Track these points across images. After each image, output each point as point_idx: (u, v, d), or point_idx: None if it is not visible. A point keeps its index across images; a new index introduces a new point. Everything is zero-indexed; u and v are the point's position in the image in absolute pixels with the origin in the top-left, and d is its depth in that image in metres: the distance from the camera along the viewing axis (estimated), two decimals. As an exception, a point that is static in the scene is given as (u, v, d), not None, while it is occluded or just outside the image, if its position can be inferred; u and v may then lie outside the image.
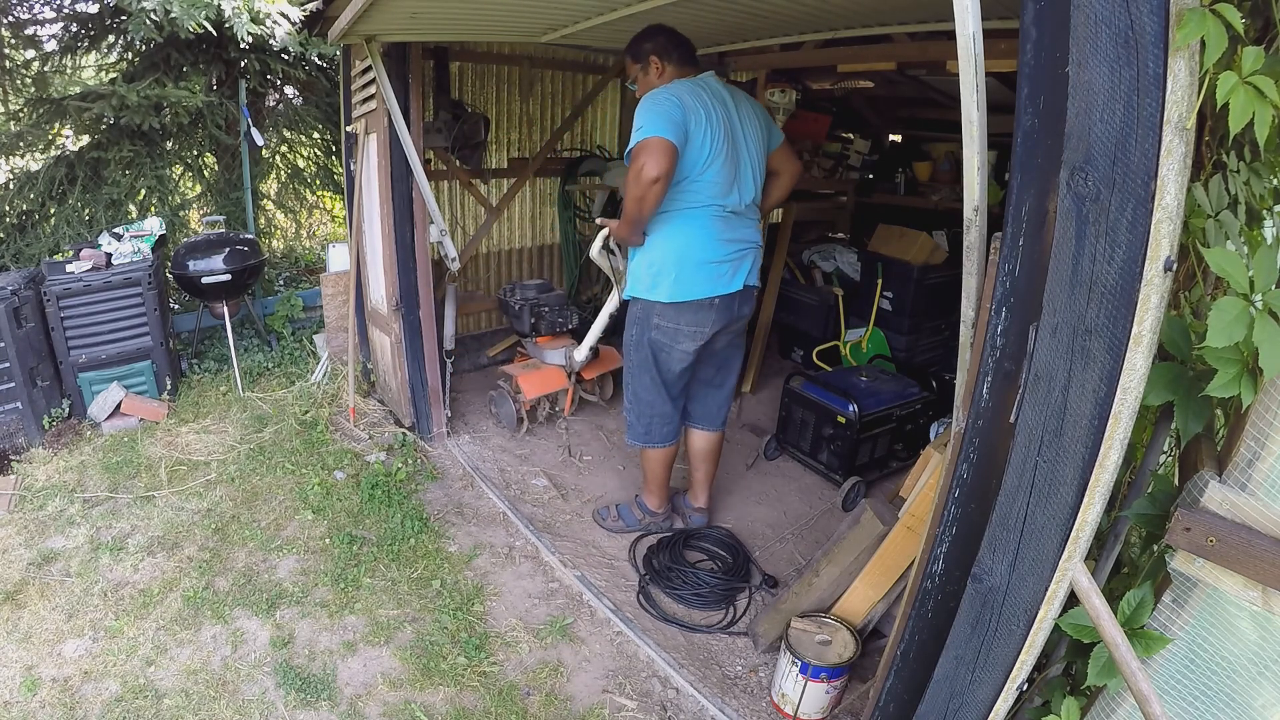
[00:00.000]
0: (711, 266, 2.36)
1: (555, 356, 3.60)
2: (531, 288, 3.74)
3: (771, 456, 3.51)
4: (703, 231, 2.33)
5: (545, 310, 3.61)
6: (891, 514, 2.15)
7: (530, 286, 3.75)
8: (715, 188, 2.30)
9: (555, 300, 3.66)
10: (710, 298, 2.38)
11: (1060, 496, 1.04)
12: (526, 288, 3.73)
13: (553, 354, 3.61)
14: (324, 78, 5.34)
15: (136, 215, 4.62)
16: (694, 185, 2.29)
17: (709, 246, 2.35)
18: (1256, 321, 0.89)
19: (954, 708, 1.27)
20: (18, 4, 4.50)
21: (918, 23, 2.76)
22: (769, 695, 2.12)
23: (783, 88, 4.06)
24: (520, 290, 3.70)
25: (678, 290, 2.36)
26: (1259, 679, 1.02)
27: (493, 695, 2.08)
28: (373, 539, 2.76)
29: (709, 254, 2.35)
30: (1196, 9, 0.80)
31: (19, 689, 2.01)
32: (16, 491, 2.93)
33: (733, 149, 2.32)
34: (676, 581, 2.54)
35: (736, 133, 2.35)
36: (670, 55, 2.35)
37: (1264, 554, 0.93)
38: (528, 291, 3.68)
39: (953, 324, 2.79)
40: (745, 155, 2.36)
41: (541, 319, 3.61)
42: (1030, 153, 0.97)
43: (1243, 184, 1.09)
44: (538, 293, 3.68)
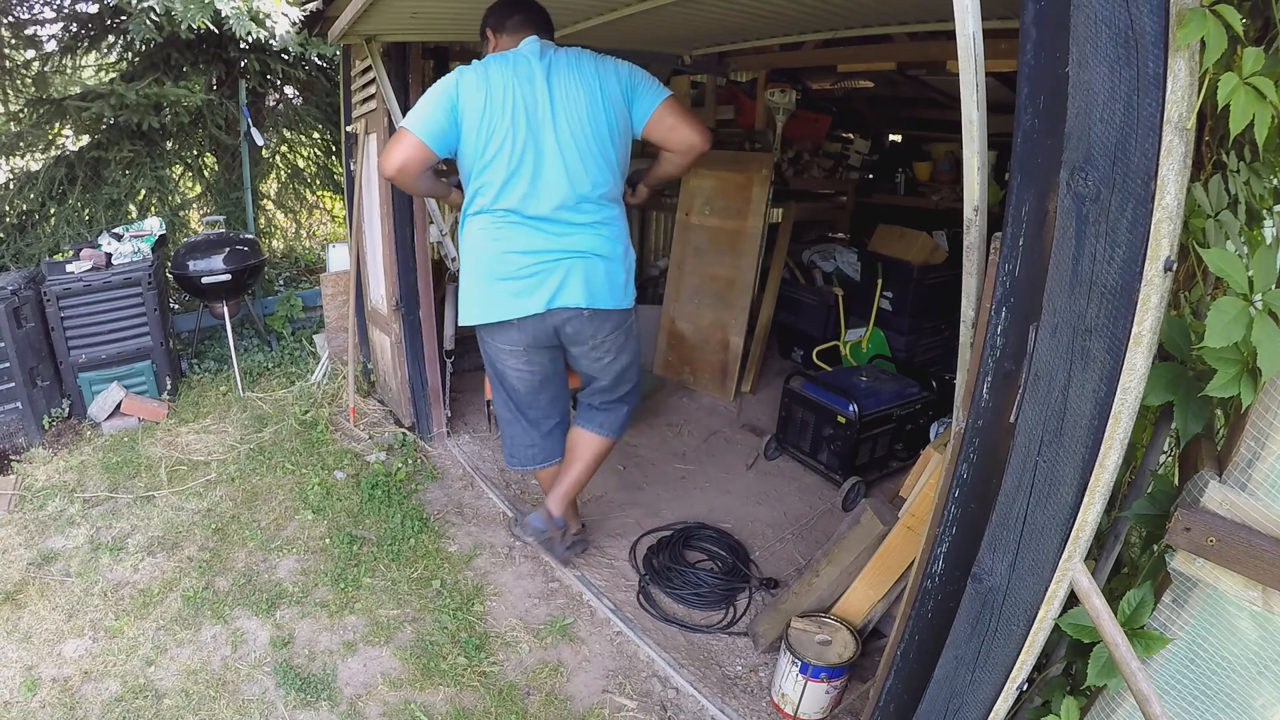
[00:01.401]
0: (501, 284, 1.98)
1: None
2: None
3: (771, 456, 3.51)
4: (490, 243, 1.98)
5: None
6: (891, 514, 2.15)
7: None
8: (498, 190, 1.93)
9: None
10: (508, 320, 2.02)
11: (1060, 496, 1.04)
12: None
13: None
14: (324, 78, 5.34)
15: (136, 215, 4.62)
16: (476, 187, 1.97)
17: (496, 261, 1.97)
18: (1256, 321, 0.89)
19: (954, 708, 1.27)
20: (18, 4, 4.50)
21: (918, 23, 2.76)
22: (769, 695, 2.12)
23: (783, 88, 4.07)
24: None
25: (471, 311, 2.06)
26: (1259, 679, 1.02)
27: (493, 695, 2.08)
28: (373, 539, 2.76)
29: (495, 269, 1.98)
30: (1197, 9, 0.80)
31: (19, 689, 2.01)
32: (16, 491, 2.93)
33: (532, 141, 1.90)
34: (676, 581, 2.54)
35: (541, 119, 1.89)
36: (502, 25, 2.01)
37: (1264, 554, 0.93)
38: None
39: (953, 324, 2.79)
40: (557, 145, 1.90)
41: None
42: (1030, 153, 0.97)
43: (1243, 184, 1.09)
44: None
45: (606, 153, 1.95)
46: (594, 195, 1.96)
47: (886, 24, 2.83)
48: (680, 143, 1.97)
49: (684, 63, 4.03)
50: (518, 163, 1.90)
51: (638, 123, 1.97)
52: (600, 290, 2.03)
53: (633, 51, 3.81)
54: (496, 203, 1.95)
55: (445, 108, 1.89)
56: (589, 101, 1.90)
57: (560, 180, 1.92)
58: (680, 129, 1.95)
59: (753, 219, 3.97)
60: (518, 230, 1.95)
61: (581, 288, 2.00)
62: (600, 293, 2.04)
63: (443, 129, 1.90)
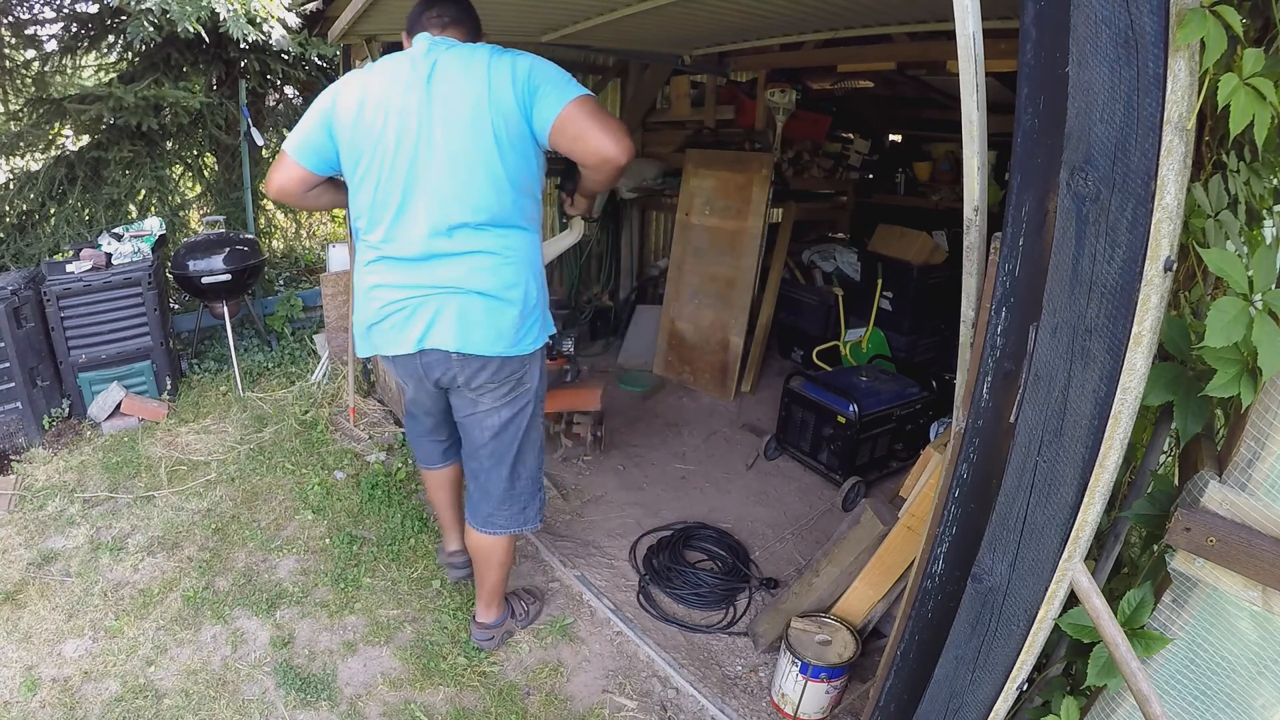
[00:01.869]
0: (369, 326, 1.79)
1: None
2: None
3: (771, 456, 3.51)
4: (360, 278, 1.79)
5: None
6: (891, 514, 2.15)
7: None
8: (367, 217, 1.71)
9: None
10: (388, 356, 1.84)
11: (1060, 496, 1.04)
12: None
13: None
14: (324, 78, 5.34)
15: (136, 215, 4.62)
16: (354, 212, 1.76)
17: (363, 300, 1.78)
18: (1256, 321, 0.89)
19: (954, 708, 1.27)
20: (18, 4, 4.50)
21: (918, 23, 2.76)
22: (769, 695, 2.12)
23: (783, 88, 4.07)
24: None
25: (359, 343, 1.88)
26: (1259, 679, 1.02)
27: (493, 695, 2.08)
28: (373, 539, 2.76)
29: (362, 310, 1.80)
30: (1197, 9, 0.80)
31: (19, 689, 2.01)
32: (16, 491, 2.93)
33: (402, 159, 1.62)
34: (676, 581, 2.54)
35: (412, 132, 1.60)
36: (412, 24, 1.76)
37: (1264, 554, 0.93)
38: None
39: (953, 324, 2.82)
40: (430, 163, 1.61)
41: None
42: (1030, 153, 0.97)
43: (1243, 184, 1.09)
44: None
45: (493, 170, 1.60)
46: (474, 221, 1.63)
47: (886, 24, 2.83)
48: (588, 155, 1.56)
49: (684, 63, 4.03)
50: (386, 185, 1.64)
51: (540, 132, 1.59)
52: (474, 332, 1.69)
53: (633, 51, 3.82)
54: (367, 231, 1.72)
55: (321, 123, 1.69)
56: (473, 110, 1.57)
57: (431, 204, 1.62)
58: (587, 139, 1.54)
59: (753, 219, 3.97)
60: (385, 264, 1.71)
61: (452, 328, 1.68)
62: (474, 335, 1.69)
63: (318, 146, 1.70)
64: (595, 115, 1.55)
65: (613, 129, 1.54)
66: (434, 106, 1.59)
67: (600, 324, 5.14)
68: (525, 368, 1.82)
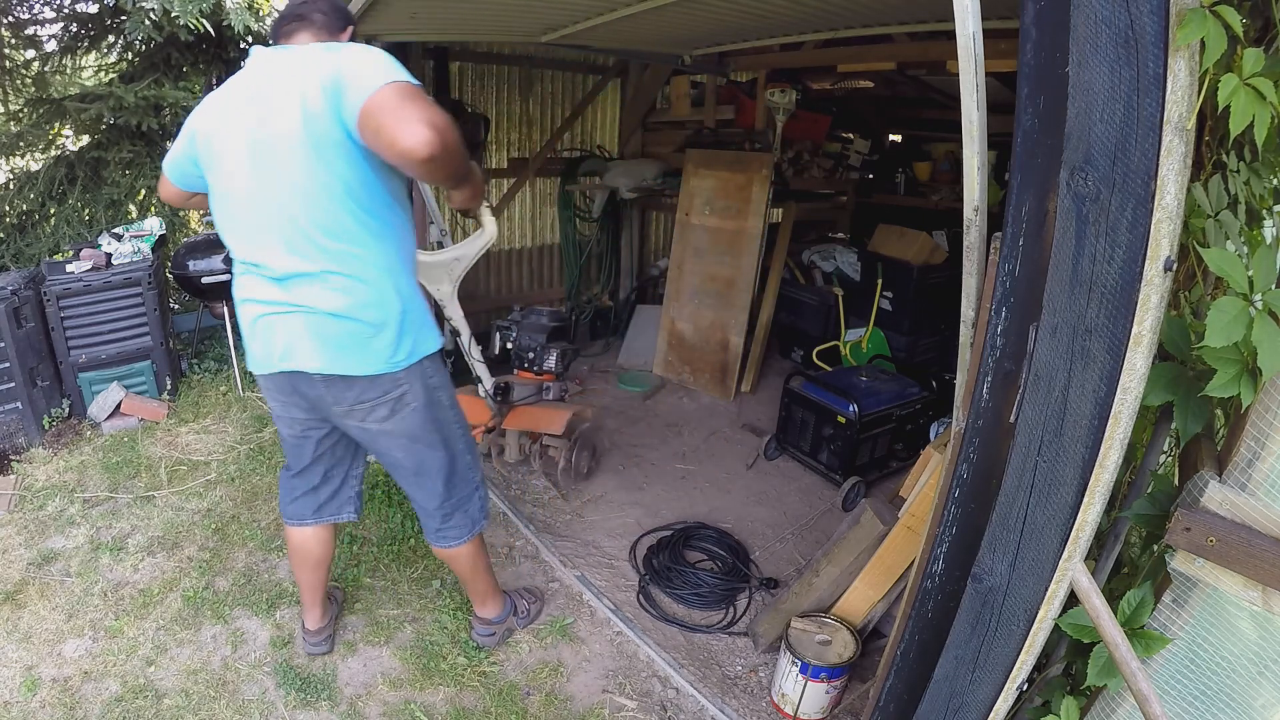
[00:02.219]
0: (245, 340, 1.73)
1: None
2: (535, 313, 3.20)
3: (771, 456, 3.51)
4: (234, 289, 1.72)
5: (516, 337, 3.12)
6: (891, 514, 2.15)
7: (538, 311, 3.21)
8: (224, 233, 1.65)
9: (532, 327, 3.11)
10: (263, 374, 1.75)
11: (1060, 496, 1.04)
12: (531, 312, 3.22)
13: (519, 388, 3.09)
14: (324, 78, 5.34)
15: (136, 215, 4.62)
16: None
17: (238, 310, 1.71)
18: (1256, 321, 0.89)
19: (954, 708, 1.27)
20: (18, 4, 4.50)
21: (918, 23, 2.76)
22: (769, 695, 2.12)
23: (783, 88, 4.07)
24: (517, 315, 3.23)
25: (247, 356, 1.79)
26: (1259, 679, 1.02)
27: (493, 695, 2.08)
28: (373, 539, 2.76)
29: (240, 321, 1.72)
30: (1197, 9, 0.80)
31: (19, 689, 2.01)
32: (16, 491, 2.93)
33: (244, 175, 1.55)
34: (676, 581, 2.54)
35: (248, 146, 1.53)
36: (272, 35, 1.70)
37: (1264, 554, 0.93)
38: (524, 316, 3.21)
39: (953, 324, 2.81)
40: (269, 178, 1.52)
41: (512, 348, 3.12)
42: (1030, 153, 0.97)
43: (1243, 184, 1.09)
44: (527, 319, 3.20)
45: (325, 183, 1.48)
46: (318, 239, 1.52)
47: (886, 24, 2.83)
48: (387, 152, 1.36)
49: (684, 63, 4.03)
50: (235, 207, 1.60)
51: (351, 133, 1.42)
52: (331, 353, 1.60)
53: (633, 51, 3.82)
54: (230, 249, 1.66)
55: (185, 136, 1.65)
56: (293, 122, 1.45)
57: (278, 224, 1.53)
58: (385, 132, 1.33)
59: (753, 219, 3.97)
60: (248, 278, 1.65)
61: (309, 349, 1.60)
62: (331, 356, 1.60)
63: (183, 165, 1.69)
64: (398, 103, 1.32)
65: (413, 117, 1.30)
66: (263, 120, 1.50)
67: (600, 324, 5.14)
68: (402, 385, 1.69)
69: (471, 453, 1.97)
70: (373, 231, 1.57)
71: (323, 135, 1.44)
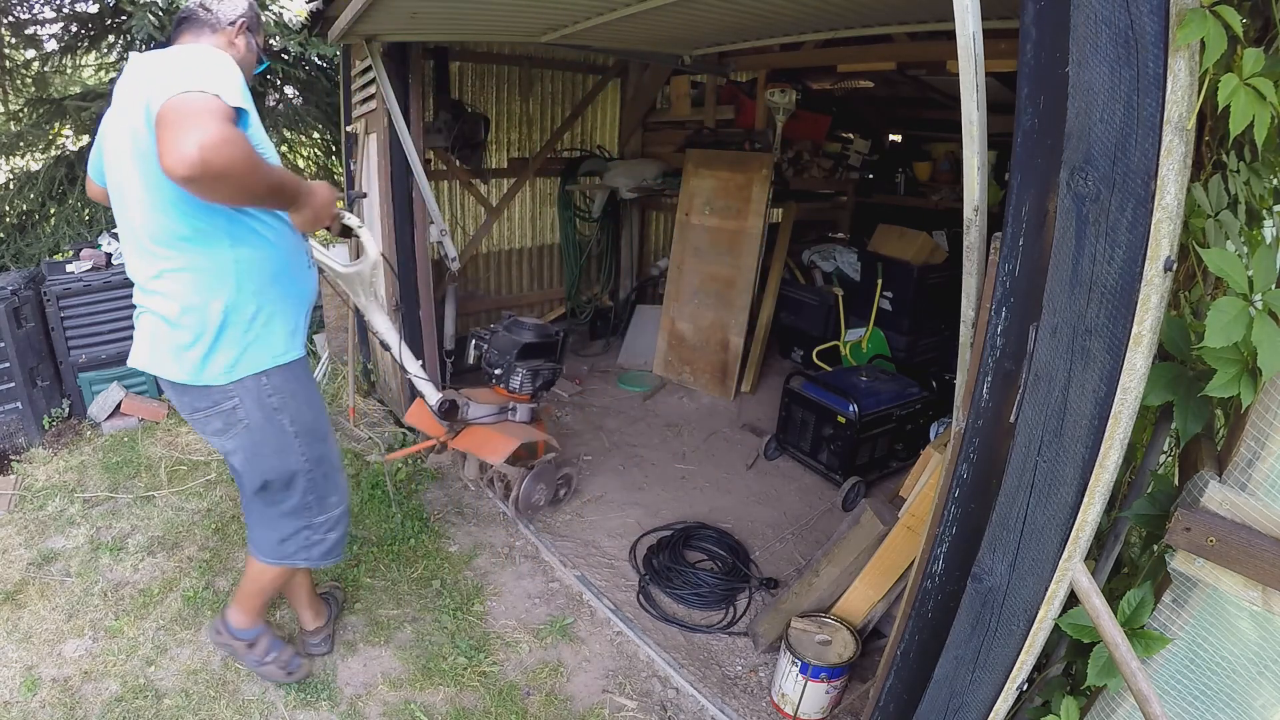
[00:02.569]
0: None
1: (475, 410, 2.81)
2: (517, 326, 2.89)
3: (771, 456, 3.51)
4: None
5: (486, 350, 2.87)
6: (891, 514, 2.15)
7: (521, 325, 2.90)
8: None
9: (503, 341, 2.83)
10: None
11: (1060, 496, 1.04)
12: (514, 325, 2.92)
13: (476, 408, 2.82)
14: (324, 78, 5.34)
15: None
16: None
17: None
18: (1255, 321, 0.89)
19: (954, 708, 1.27)
20: (18, 4, 4.50)
21: (918, 23, 2.76)
22: (769, 695, 2.12)
23: (783, 88, 4.07)
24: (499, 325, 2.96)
25: None
26: (1259, 679, 1.02)
27: (493, 695, 2.08)
28: (373, 539, 2.76)
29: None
30: (1197, 9, 0.80)
31: (19, 689, 2.01)
32: (16, 491, 2.93)
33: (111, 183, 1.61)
34: (676, 581, 2.54)
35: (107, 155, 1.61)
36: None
37: (1264, 554, 0.93)
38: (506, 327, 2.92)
39: (953, 324, 2.79)
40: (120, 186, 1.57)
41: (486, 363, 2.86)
42: (1030, 153, 0.97)
43: (1243, 184, 1.09)
44: (504, 330, 2.91)
45: (154, 189, 1.49)
46: (157, 245, 1.53)
47: (886, 24, 2.83)
48: (166, 168, 1.26)
49: (684, 63, 4.03)
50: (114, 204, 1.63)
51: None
52: (159, 357, 1.61)
53: (633, 51, 3.82)
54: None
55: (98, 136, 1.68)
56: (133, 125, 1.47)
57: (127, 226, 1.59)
58: (158, 145, 1.27)
59: (753, 219, 3.97)
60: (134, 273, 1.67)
61: (147, 350, 1.63)
62: (160, 359, 1.61)
63: (95, 159, 1.70)
64: (177, 118, 1.26)
65: (184, 134, 1.23)
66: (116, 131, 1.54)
67: (600, 324, 5.14)
68: (233, 399, 1.64)
69: (318, 491, 1.81)
70: (200, 241, 1.53)
71: (147, 142, 1.42)
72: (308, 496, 1.81)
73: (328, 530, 1.88)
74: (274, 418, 1.69)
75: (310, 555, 1.88)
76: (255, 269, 1.60)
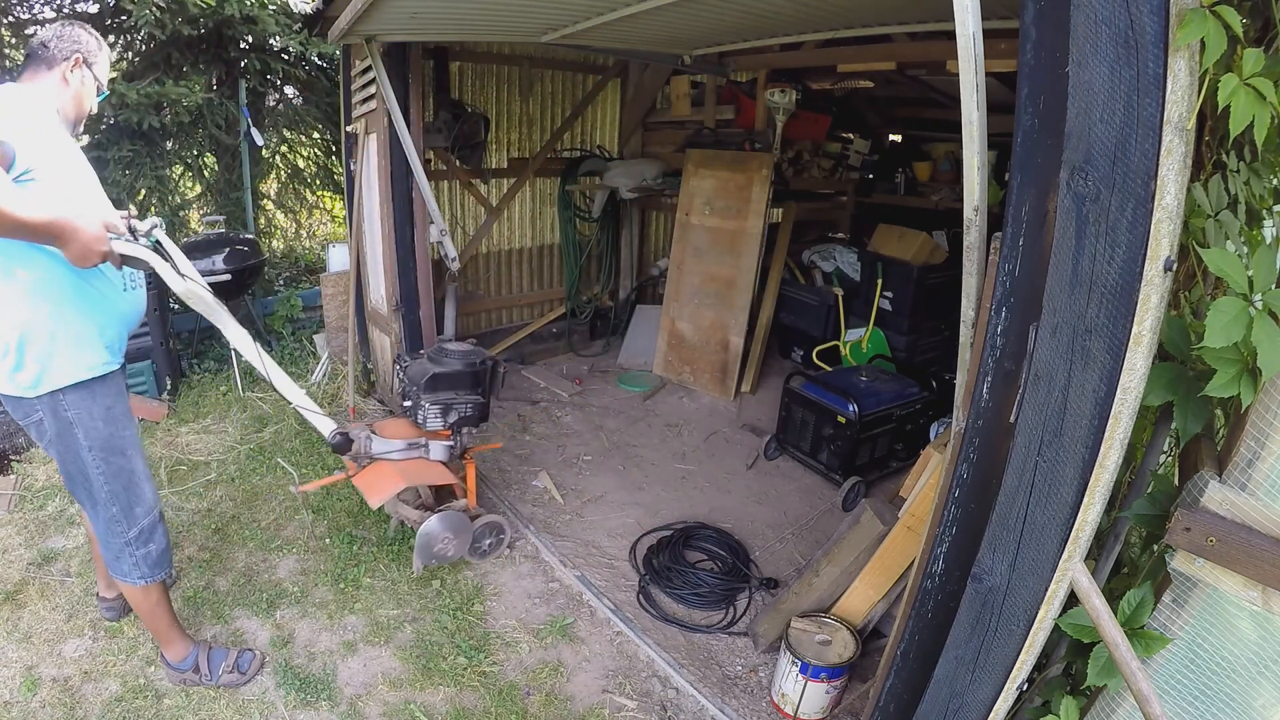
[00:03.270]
0: None
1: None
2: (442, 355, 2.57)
3: (771, 456, 3.51)
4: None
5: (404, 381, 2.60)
6: (891, 514, 2.15)
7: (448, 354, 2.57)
8: None
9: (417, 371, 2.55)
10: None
11: (1060, 496, 1.04)
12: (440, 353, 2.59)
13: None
14: (324, 78, 5.34)
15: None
16: None
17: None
18: (1255, 321, 0.89)
19: (954, 708, 1.27)
20: (18, 4, 4.50)
21: (918, 23, 2.76)
22: (769, 695, 2.12)
23: (783, 88, 4.07)
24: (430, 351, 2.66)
25: None
26: (1259, 679, 1.02)
27: (493, 695, 2.08)
28: (373, 539, 2.76)
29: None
30: (1197, 9, 0.80)
31: (19, 689, 2.01)
32: (16, 491, 2.93)
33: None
34: (676, 581, 2.54)
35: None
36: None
37: (1264, 554, 0.93)
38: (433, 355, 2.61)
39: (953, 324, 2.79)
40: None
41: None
42: (1030, 153, 0.97)
43: (1242, 184, 1.09)
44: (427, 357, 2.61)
45: None
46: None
47: (886, 24, 2.83)
48: None
49: (684, 63, 4.03)
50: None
51: None
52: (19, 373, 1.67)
53: (633, 51, 3.82)
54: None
55: None
56: None
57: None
58: None
59: (753, 219, 3.97)
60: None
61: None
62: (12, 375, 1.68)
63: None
64: None
65: None
66: None
67: (600, 324, 5.14)
68: (38, 411, 1.72)
69: (120, 504, 1.85)
70: (4, 257, 1.59)
71: None
72: (111, 508, 1.84)
73: (145, 543, 1.90)
74: (70, 431, 1.74)
75: (142, 570, 1.91)
76: (47, 290, 1.64)
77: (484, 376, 2.55)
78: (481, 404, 2.54)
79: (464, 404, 2.49)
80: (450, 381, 2.48)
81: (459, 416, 2.50)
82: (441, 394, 2.48)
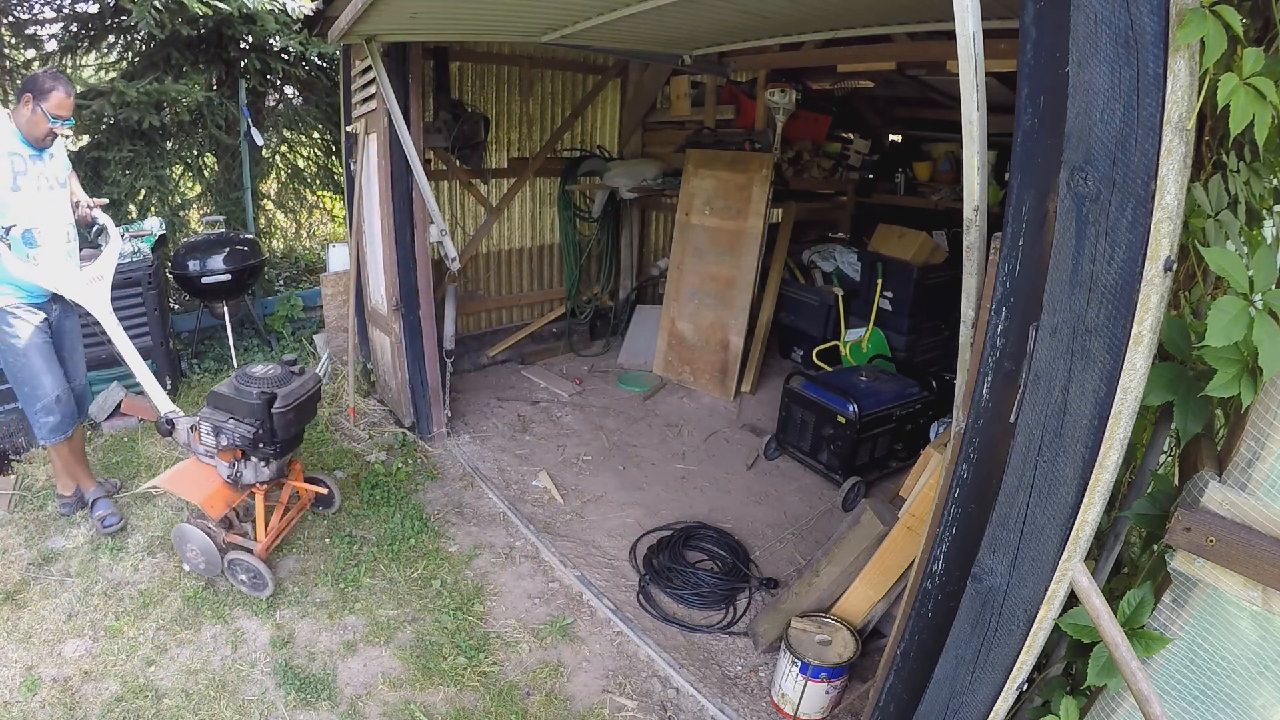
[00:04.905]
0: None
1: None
2: (242, 376, 2.42)
3: (771, 456, 3.51)
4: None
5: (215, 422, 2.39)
6: (891, 514, 2.15)
7: (248, 376, 2.41)
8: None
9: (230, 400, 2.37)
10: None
11: (1060, 496, 1.04)
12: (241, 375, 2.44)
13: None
14: (324, 78, 5.34)
15: (136, 215, 4.62)
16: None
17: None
18: (1256, 321, 0.89)
19: (954, 708, 1.27)
20: (18, 4, 4.50)
21: (918, 23, 2.76)
22: (769, 695, 2.12)
23: (783, 88, 4.06)
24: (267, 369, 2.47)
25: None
26: (1259, 679, 1.02)
27: (493, 695, 2.08)
28: (373, 539, 2.76)
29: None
30: (1197, 9, 0.80)
31: (19, 689, 2.01)
32: (16, 491, 2.93)
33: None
34: (677, 581, 2.54)
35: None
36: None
37: (1264, 554, 0.93)
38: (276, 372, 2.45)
39: (953, 324, 2.76)
40: None
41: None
42: (1030, 153, 0.97)
43: (1243, 184, 1.09)
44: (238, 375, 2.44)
45: None
46: None
47: (886, 24, 2.83)
48: None
49: (684, 63, 4.03)
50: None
51: None
52: None
53: (633, 51, 3.82)
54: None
55: None
56: None
57: None
58: None
59: (753, 219, 3.97)
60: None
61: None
62: None
63: None
64: None
65: None
66: None
67: (600, 324, 5.14)
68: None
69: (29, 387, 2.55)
70: None
71: None
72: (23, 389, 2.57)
73: (46, 414, 2.58)
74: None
75: (43, 434, 2.62)
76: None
77: (259, 410, 2.34)
78: (250, 438, 2.33)
79: (233, 431, 2.35)
80: (227, 404, 2.38)
81: (228, 442, 2.36)
82: (218, 413, 2.38)
